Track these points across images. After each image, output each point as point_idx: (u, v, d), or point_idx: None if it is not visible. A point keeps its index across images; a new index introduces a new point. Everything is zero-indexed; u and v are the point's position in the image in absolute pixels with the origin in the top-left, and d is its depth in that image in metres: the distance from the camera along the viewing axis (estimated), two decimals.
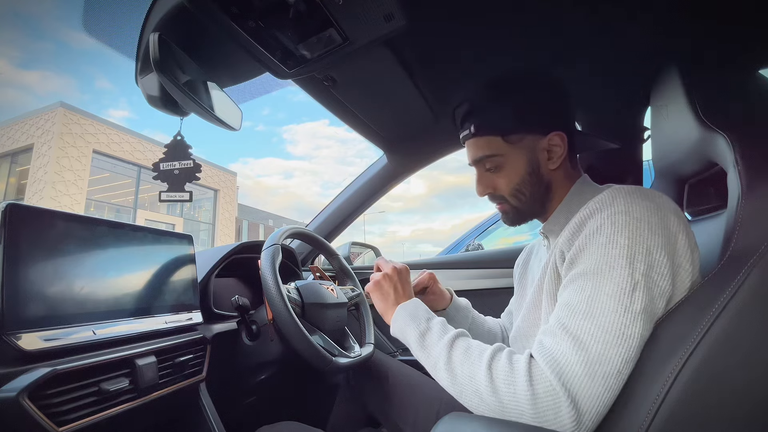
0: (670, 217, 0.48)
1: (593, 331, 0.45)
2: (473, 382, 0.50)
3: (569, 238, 0.53)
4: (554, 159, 0.62)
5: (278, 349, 0.94)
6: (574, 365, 0.44)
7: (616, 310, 0.44)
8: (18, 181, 11.59)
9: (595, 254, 0.48)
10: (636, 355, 0.44)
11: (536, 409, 0.44)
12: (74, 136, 11.10)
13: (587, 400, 0.43)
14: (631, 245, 0.46)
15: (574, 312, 0.47)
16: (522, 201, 0.64)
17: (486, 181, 0.66)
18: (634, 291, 0.45)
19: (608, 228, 0.48)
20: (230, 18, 0.58)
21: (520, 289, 0.79)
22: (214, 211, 15.57)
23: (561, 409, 0.43)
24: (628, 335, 0.44)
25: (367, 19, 0.62)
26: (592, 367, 0.43)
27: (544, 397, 0.44)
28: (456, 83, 0.92)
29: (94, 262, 0.66)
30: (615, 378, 0.43)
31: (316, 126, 74.12)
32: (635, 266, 0.45)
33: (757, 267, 0.39)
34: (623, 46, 0.80)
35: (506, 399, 0.46)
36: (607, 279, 0.46)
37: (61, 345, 0.56)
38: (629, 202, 0.48)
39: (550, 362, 0.45)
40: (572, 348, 0.45)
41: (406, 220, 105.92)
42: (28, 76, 29.61)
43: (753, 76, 0.57)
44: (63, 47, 28.50)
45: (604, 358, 0.43)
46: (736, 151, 0.47)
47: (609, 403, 0.44)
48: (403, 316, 0.64)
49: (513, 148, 0.62)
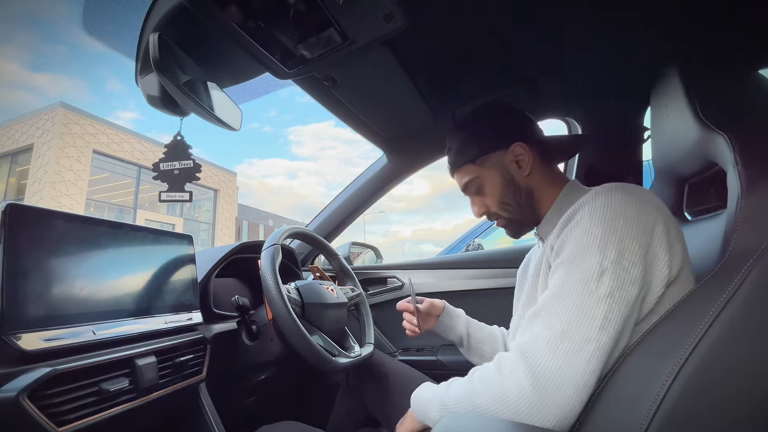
0: (648, 209, 0.50)
1: (559, 311, 0.48)
2: (458, 404, 0.51)
3: (557, 234, 0.56)
4: (524, 167, 0.69)
5: (278, 349, 0.94)
6: (538, 344, 0.47)
7: (581, 293, 0.47)
8: (18, 181, 11.59)
9: (572, 244, 0.51)
10: (600, 337, 0.45)
11: (503, 389, 0.46)
12: (74, 136, 11.10)
13: (547, 371, 0.45)
14: (604, 235, 0.49)
15: (547, 299, 0.50)
16: (510, 211, 0.70)
17: (478, 203, 0.73)
18: (602, 276, 0.47)
19: (587, 221, 0.51)
20: (230, 18, 0.58)
21: (519, 293, 0.80)
22: (214, 211, 15.57)
23: (521, 381, 0.45)
24: (591, 315, 0.46)
25: (367, 19, 0.62)
26: (554, 344, 0.46)
27: (507, 374, 0.47)
28: (456, 84, 0.92)
29: (94, 262, 0.66)
30: (576, 354, 0.45)
31: (321, 127, 74.22)
32: (606, 254, 0.48)
33: (757, 267, 0.39)
34: (623, 46, 0.80)
35: (482, 396, 0.48)
36: (578, 265, 0.49)
37: (61, 345, 0.56)
38: (609, 197, 0.52)
39: (520, 349, 0.48)
40: (540, 329, 0.48)
41: (409, 221, 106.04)
42: (39, 79, 29.78)
43: (753, 76, 0.57)
44: (75, 50, 28.61)
45: (565, 334, 0.46)
46: (735, 151, 0.47)
47: (572, 377, 0.44)
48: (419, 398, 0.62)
49: (484, 168, 0.70)
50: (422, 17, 0.67)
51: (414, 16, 0.63)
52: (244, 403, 1.01)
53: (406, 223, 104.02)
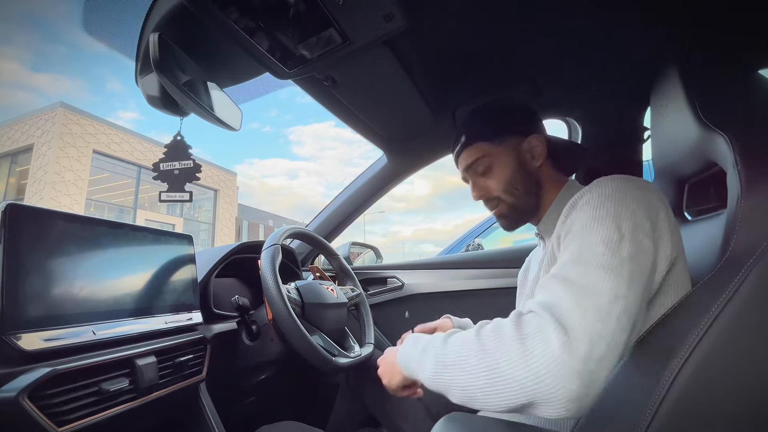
0: (651, 195, 0.51)
1: (581, 270, 0.45)
2: (463, 360, 0.46)
3: (562, 222, 0.56)
4: (537, 158, 0.70)
5: (278, 349, 0.94)
6: (563, 300, 0.43)
7: (603, 252, 0.45)
8: (18, 181, 11.59)
9: (584, 217, 0.50)
10: (628, 295, 0.42)
11: (525, 346, 0.41)
12: (74, 136, 11.10)
13: (577, 326, 0.40)
14: (616, 207, 0.49)
15: (563, 264, 0.48)
16: (516, 195, 0.69)
17: (479, 185, 0.72)
18: (621, 241, 0.46)
19: (596, 198, 0.51)
20: (230, 18, 0.58)
21: (522, 295, 0.80)
22: (214, 211, 15.57)
23: (548, 335, 0.40)
24: (618, 273, 0.43)
25: (367, 19, 0.62)
26: (582, 299, 0.42)
27: (533, 333, 0.42)
28: (456, 84, 0.92)
29: (94, 262, 0.66)
30: (606, 310, 0.41)
31: (322, 127, 74.09)
32: (621, 224, 0.47)
33: (757, 267, 0.39)
34: (623, 46, 0.80)
35: (497, 353, 0.43)
36: (594, 232, 0.47)
37: (61, 345, 0.56)
38: (614, 182, 0.52)
39: (540, 305, 0.44)
40: (561, 287, 0.44)
41: (409, 221, 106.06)
42: (40, 79, 29.74)
43: (753, 76, 0.57)
44: (76, 50, 28.62)
45: (593, 290, 0.42)
46: (735, 151, 0.47)
47: (604, 335, 0.40)
48: (405, 350, 0.60)
49: (499, 149, 0.70)
50: (422, 17, 0.67)
51: (414, 16, 0.63)
52: (244, 403, 1.01)
53: (407, 223, 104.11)
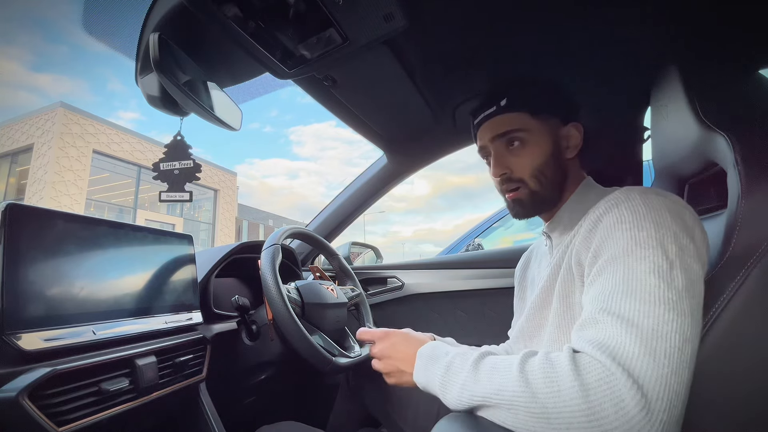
0: (685, 212, 0.47)
1: (639, 307, 0.39)
2: (503, 398, 0.41)
3: (586, 237, 0.52)
4: (571, 148, 0.65)
5: (278, 349, 0.94)
6: (628, 345, 0.38)
7: (658, 285, 0.40)
8: (18, 181, 11.59)
9: (622, 240, 0.45)
10: (693, 337, 0.38)
11: (589, 402, 0.36)
12: (74, 136, 11.10)
13: (654, 382, 0.35)
14: (657, 228, 0.44)
15: (611, 296, 0.42)
16: (542, 184, 0.63)
17: (504, 161, 0.65)
18: (672, 269, 0.41)
19: (630, 216, 0.46)
20: (230, 18, 0.58)
21: (521, 291, 0.80)
22: (214, 211, 15.57)
23: (621, 394, 0.35)
24: (680, 311, 0.39)
25: (367, 19, 0.62)
26: (650, 344, 0.37)
27: (598, 386, 0.36)
28: (456, 84, 0.92)
29: (94, 262, 0.66)
30: (678, 358, 0.37)
31: (322, 127, 74.22)
32: (666, 247, 0.42)
33: (758, 267, 0.39)
34: (623, 46, 0.80)
35: (550, 401, 0.38)
36: (640, 258, 0.42)
37: (61, 345, 0.56)
38: (645, 197, 0.48)
39: (598, 347, 0.39)
40: (621, 328, 0.39)
41: (409, 221, 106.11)
42: (41, 79, 29.75)
43: (753, 76, 0.57)
44: (77, 50, 28.63)
45: (659, 333, 0.38)
46: (736, 151, 0.47)
47: (679, 391, 0.36)
48: (422, 366, 0.54)
49: (539, 125, 0.64)
50: (422, 17, 0.67)
51: (414, 16, 0.63)
52: (244, 403, 1.01)
53: (407, 223, 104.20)
